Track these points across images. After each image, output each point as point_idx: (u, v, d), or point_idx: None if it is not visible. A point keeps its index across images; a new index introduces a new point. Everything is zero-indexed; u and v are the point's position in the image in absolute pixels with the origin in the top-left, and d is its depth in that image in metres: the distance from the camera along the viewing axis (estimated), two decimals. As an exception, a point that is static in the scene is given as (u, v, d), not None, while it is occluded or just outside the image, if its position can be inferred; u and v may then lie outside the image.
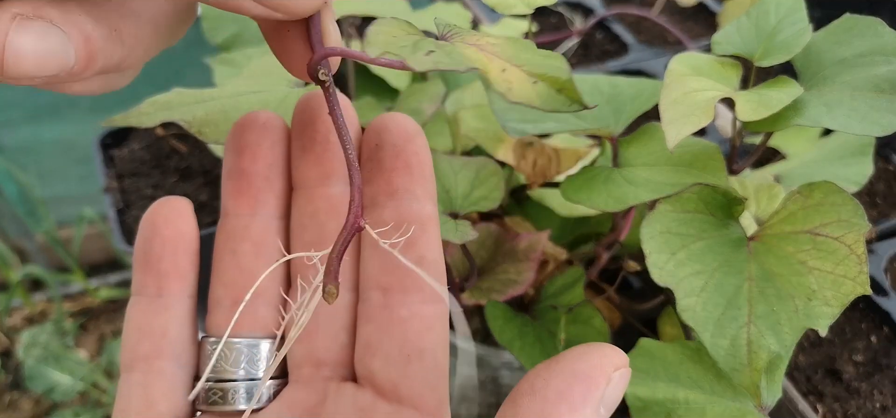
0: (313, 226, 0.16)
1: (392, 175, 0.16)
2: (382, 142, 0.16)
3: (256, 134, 0.16)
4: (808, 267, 0.22)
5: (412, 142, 0.16)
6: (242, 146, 0.16)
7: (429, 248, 0.16)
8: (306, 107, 0.16)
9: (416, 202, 0.16)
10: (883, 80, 0.23)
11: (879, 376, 0.30)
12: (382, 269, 0.15)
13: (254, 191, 0.16)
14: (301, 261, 0.16)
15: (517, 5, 0.33)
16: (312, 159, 0.16)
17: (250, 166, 0.16)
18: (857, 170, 0.28)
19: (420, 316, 0.15)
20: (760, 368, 0.21)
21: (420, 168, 0.16)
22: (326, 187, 0.16)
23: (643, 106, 0.27)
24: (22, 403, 0.86)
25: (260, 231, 0.16)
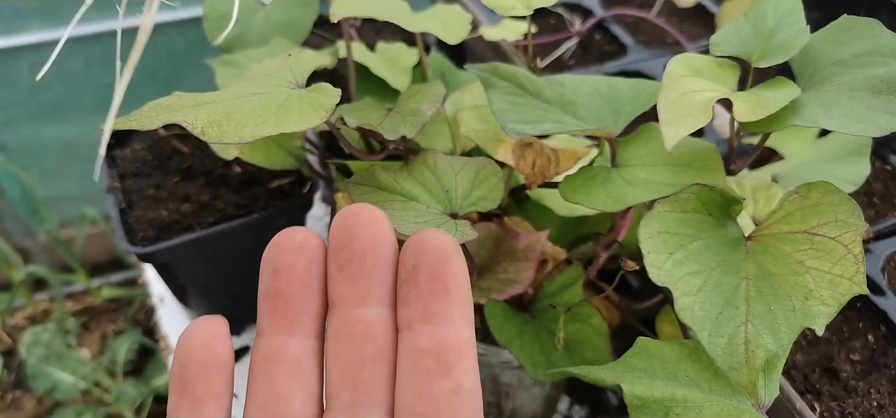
0: (349, 350, 0.16)
1: (430, 300, 0.15)
2: (419, 263, 0.16)
3: (293, 254, 0.16)
4: (806, 266, 0.22)
5: (450, 262, 0.15)
6: (279, 267, 0.16)
7: (466, 377, 0.15)
8: (343, 225, 0.16)
9: (454, 328, 0.15)
10: (880, 81, 0.24)
11: (877, 375, 0.30)
12: (418, 397, 0.15)
13: (289, 312, 0.16)
14: (333, 383, 0.16)
15: (516, 7, 0.33)
16: (348, 278, 0.16)
17: (286, 287, 0.16)
18: (855, 170, 0.29)
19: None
20: (758, 367, 0.21)
21: (458, 291, 0.16)
22: (363, 308, 0.16)
23: (642, 106, 0.27)
24: (24, 402, 0.86)
25: (295, 352, 0.16)
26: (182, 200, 0.37)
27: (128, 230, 0.36)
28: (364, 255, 0.16)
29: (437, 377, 0.15)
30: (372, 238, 0.16)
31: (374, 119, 0.28)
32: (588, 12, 0.54)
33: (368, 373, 0.16)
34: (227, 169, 0.39)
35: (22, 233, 0.91)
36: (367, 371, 0.16)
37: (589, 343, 0.27)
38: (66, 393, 0.76)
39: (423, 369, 0.15)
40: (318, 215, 0.53)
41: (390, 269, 0.16)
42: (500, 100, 0.26)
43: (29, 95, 0.79)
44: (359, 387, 0.16)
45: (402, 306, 0.16)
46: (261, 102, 0.24)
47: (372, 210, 0.16)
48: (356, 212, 0.16)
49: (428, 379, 0.15)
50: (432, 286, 0.15)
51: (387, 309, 0.16)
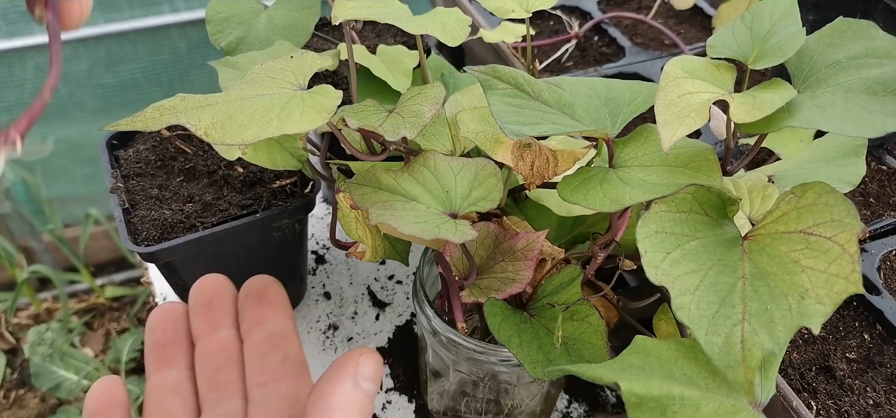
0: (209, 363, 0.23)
1: (258, 309, 0.23)
2: (249, 291, 0.24)
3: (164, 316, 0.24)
4: (802, 266, 0.22)
5: (270, 286, 0.24)
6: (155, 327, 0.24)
7: (291, 349, 0.23)
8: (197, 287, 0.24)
9: (278, 323, 0.23)
10: (875, 83, 0.24)
11: (872, 373, 0.30)
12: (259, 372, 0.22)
13: (167, 354, 0.23)
14: (203, 391, 0.23)
15: (515, 9, 0.34)
16: (202, 317, 0.24)
17: (162, 338, 0.23)
18: (851, 170, 0.29)
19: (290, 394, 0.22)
20: (754, 365, 0.21)
21: (278, 301, 0.23)
22: (216, 333, 0.23)
23: (639, 108, 0.27)
24: (28, 400, 0.87)
25: (175, 380, 0.23)
26: (185, 200, 0.38)
27: (131, 230, 0.36)
28: (211, 300, 0.24)
29: (268, 354, 0.22)
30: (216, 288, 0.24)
31: (375, 120, 0.28)
32: (586, 15, 0.54)
33: (224, 375, 0.22)
34: (230, 169, 0.39)
35: (26, 233, 0.92)
36: (223, 373, 0.22)
37: (587, 341, 0.28)
38: (69, 392, 0.77)
39: (259, 353, 0.22)
40: (320, 215, 0.53)
41: (232, 304, 0.24)
42: (499, 101, 0.26)
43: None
44: (220, 387, 0.22)
45: (242, 323, 0.23)
46: (263, 104, 0.24)
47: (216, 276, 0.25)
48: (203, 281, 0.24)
49: (262, 357, 0.22)
50: (259, 301, 0.23)
51: (233, 329, 0.23)
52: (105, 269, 1.00)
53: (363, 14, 0.30)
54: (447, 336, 0.30)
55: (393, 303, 0.47)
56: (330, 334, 0.44)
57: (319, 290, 0.48)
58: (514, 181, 0.32)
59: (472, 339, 0.30)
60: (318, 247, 0.51)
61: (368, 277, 0.49)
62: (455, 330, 0.29)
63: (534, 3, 0.35)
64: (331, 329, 0.46)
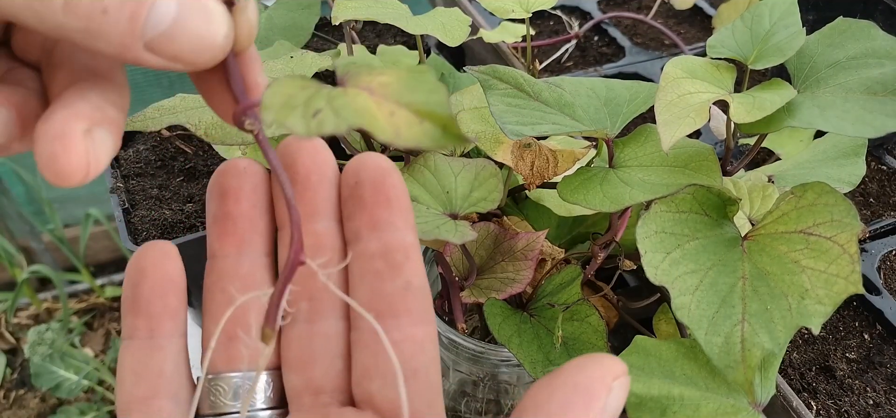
0: None
1: (374, 209, 0.16)
2: (361, 179, 0.17)
3: (237, 179, 0.17)
4: (802, 266, 0.22)
5: (390, 176, 0.17)
6: (225, 191, 0.17)
7: (414, 274, 0.16)
8: (285, 150, 0.17)
9: (398, 232, 0.16)
10: (875, 83, 0.24)
11: (872, 373, 0.30)
12: (372, 296, 0.16)
13: (239, 232, 0.17)
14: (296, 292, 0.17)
15: (515, 9, 0.34)
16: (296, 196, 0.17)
17: (234, 208, 0.17)
18: (850, 170, 0.29)
19: (411, 338, 0.16)
20: (754, 365, 0.21)
21: (398, 201, 0.17)
22: (312, 223, 0.17)
23: (639, 108, 0.27)
24: (28, 400, 0.87)
25: (248, 269, 0.17)
26: (185, 200, 0.38)
27: (131, 230, 0.36)
28: (308, 175, 0.17)
29: (387, 277, 0.16)
30: (314, 159, 0.17)
31: (374, 120, 0.28)
32: (586, 15, 0.54)
33: (321, 281, 0.16)
34: (230, 169, 0.39)
35: (26, 233, 0.92)
36: (319, 279, 0.16)
37: (587, 341, 0.28)
38: (69, 392, 0.77)
39: (374, 271, 0.16)
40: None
41: (334, 187, 0.17)
42: (499, 101, 0.26)
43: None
44: (313, 296, 0.17)
45: (349, 220, 0.17)
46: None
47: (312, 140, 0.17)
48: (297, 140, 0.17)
49: (379, 279, 0.16)
50: (375, 197, 0.16)
51: (334, 222, 0.17)
52: (105, 269, 1.00)
53: (363, 14, 0.30)
54: (447, 336, 0.30)
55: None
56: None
57: (319, 290, 0.48)
58: (514, 181, 0.32)
59: (473, 339, 0.30)
60: (318, 247, 0.51)
61: (368, 277, 0.49)
62: (455, 330, 0.29)
63: (534, 3, 0.35)
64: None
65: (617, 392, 0.14)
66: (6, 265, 0.89)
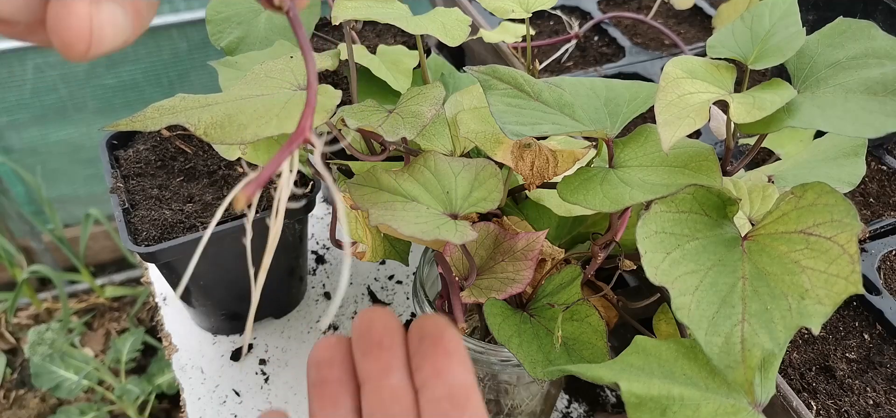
0: (382, 411, 0.20)
1: (436, 360, 0.20)
2: (424, 335, 0.20)
3: (331, 351, 0.21)
4: (802, 266, 0.22)
5: (447, 330, 0.20)
6: (321, 361, 0.21)
7: (476, 411, 0.20)
8: (363, 320, 0.21)
9: (460, 377, 0.20)
10: (875, 83, 0.24)
11: (872, 373, 0.30)
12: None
13: (333, 393, 0.21)
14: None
15: (515, 10, 0.34)
16: (373, 358, 0.21)
17: (329, 374, 0.21)
18: (850, 170, 0.29)
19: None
20: (754, 365, 0.21)
21: (457, 351, 0.20)
22: (387, 378, 0.20)
23: (639, 108, 0.27)
24: (28, 400, 0.87)
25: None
26: (185, 200, 0.38)
27: (131, 230, 0.36)
28: (381, 338, 0.21)
29: (451, 414, 0.19)
30: (386, 325, 0.21)
31: (374, 121, 0.28)
32: (586, 15, 0.54)
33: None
34: (230, 169, 0.39)
35: (26, 233, 0.92)
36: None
37: (587, 341, 0.28)
38: (69, 392, 0.77)
39: (441, 412, 0.19)
40: (320, 215, 0.53)
41: (402, 346, 0.21)
42: (499, 101, 0.26)
43: (33, 97, 0.79)
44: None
45: (417, 371, 0.20)
46: (263, 104, 0.24)
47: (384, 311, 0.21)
48: (371, 311, 0.21)
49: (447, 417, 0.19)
50: (436, 349, 0.20)
51: (405, 375, 0.21)
52: (105, 269, 1.00)
53: (363, 14, 0.30)
54: (447, 336, 0.30)
55: (393, 302, 0.47)
56: (330, 334, 0.44)
57: (319, 290, 0.48)
58: (514, 181, 0.32)
59: (473, 339, 0.30)
60: (318, 247, 0.51)
61: (368, 277, 0.49)
62: (455, 330, 0.29)
63: (534, 4, 0.35)
64: (331, 329, 0.46)
65: None
66: (6, 265, 0.89)
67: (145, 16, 0.15)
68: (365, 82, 0.38)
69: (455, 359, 0.20)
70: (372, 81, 0.38)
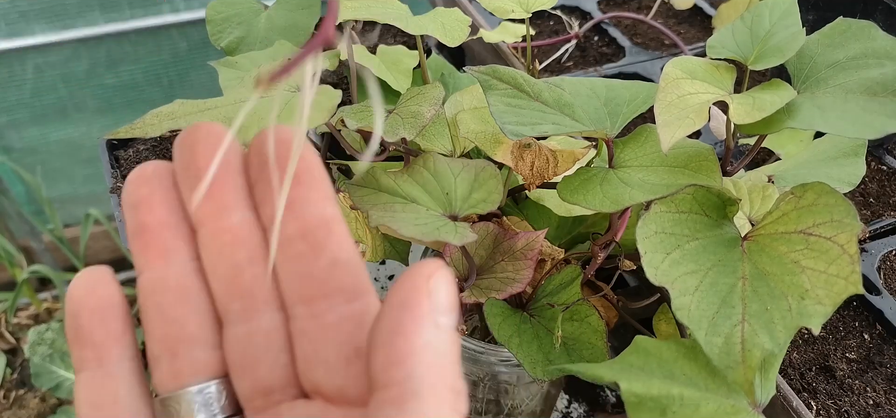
0: (223, 262, 0.16)
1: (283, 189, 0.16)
2: (265, 160, 0.16)
3: (148, 186, 0.16)
4: (801, 266, 0.22)
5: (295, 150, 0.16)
6: (138, 201, 0.16)
7: (340, 248, 0.16)
8: (184, 145, 0.16)
9: (315, 207, 0.16)
10: (875, 83, 0.24)
11: (872, 373, 0.30)
12: (299, 281, 0.16)
13: (160, 243, 0.16)
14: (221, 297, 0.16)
15: (515, 10, 0.34)
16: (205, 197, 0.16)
17: (150, 218, 0.16)
18: (850, 170, 0.29)
19: (348, 316, 0.16)
20: (754, 366, 0.21)
21: (309, 173, 0.16)
22: (225, 220, 0.16)
23: (639, 108, 0.27)
24: (28, 400, 0.87)
25: (177, 278, 0.16)
26: (185, 201, 0.38)
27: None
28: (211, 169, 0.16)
29: (310, 258, 0.15)
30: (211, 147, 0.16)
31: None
32: (586, 15, 0.54)
33: (249, 277, 0.16)
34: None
35: (26, 233, 0.92)
36: (247, 275, 0.16)
37: (587, 341, 0.28)
38: (69, 392, 0.77)
39: (297, 255, 0.15)
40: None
41: (241, 175, 0.16)
42: (499, 101, 0.26)
43: (34, 97, 0.79)
44: (244, 293, 0.16)
45: (261, 205, 0.16)
46: (263, 105, 0.24)
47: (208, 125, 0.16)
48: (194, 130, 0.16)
49: (303, 261, 0.15)
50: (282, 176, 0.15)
51: (248, 211, 0.16)
52: (105, 269, 1.00)
53: (363, 14, 0.30)
54: (447, 336, 0.30)
55: (393, 303, 0.47)
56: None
57: (319, 290, 0.48)
58: (514, 181, 0.32)
59: (473, 339, 0.30)
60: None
61: (368, 277, 0.49)
62: (455, 330, 0.29)
63: (534, 4, 0.35)
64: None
65: (437, 286, 0.14)
66: (6, 265, 0.89)
67: None
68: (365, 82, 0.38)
69: (307, 184, 0.16)
70: (372, 81, 0.38)
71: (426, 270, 0.14)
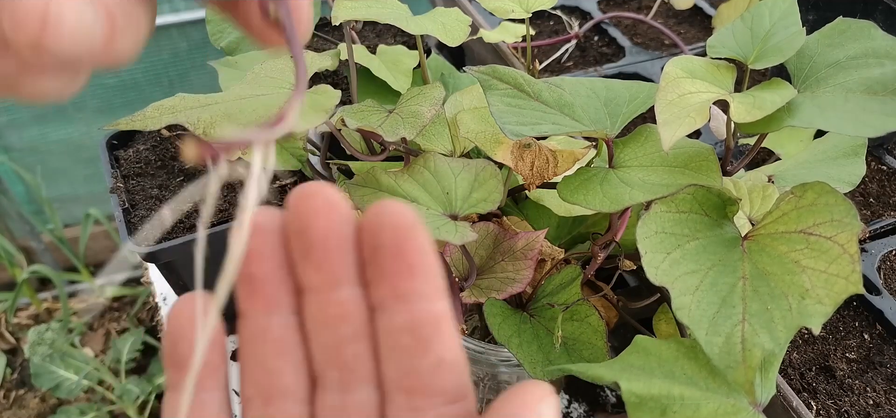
0: (328, 332, 0.16)
1: (396, 280, 0.15)
2: (379, 243, 0.15)
3: (259, 237, 0.16)
4: (802, 266, 0.22)
5: (411, 238, 0.15)
6: (249, 252, 0.16)
7: (446, 348, 0.15)
8: (298, 210, 0.16)
9: (427, 302, 0.15)
10: (875, 82, 0.24)
11: (872, 373, 0.30)
12: (402, 373, 0.16)
13: (266, 293, 0.16)
14: (319, 362, 0.16)
15: (515, 10, 0.34)
16: (315, 265, 0.16)
17: (258, 269, 0.16)
18: (850, 170, 0.29)
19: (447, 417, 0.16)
20: (754, 365, 0.21)
21: (423, 265, 0.15)
22: (335, 292, 0.16)
23: (639, 108, 0.27)
24: (28, 400, 0.87)
25: (278, 330, 0.16)
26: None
27: (132, 230, 0.36)
28: (326, 240, 0.15)
29: (416, 354, 0.15)
30: (330, 221, 0.15)
31: (374, 121, 0.28)
32: (586, 15, 0.54)
33: (351, 352, 0.16)
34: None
35: (26, 233, 0.92)
36: (349, 350, 0.16)
37: (587, 341, 0.28)
38: (69, 392, 0.77)
39: (402, 347, 0.15)
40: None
41: (353, 249, 0.16)
42: (499, 101, 0.26)
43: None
44: (344, 366, 0.16)
45: (372, 286, 0.16)
46: (262, 103, 0.24)
47: (325, 189, 0.16)
48: (309, 195, 0.16)
49: (408, 356, 0.15)
50: (396, 265, 0.15)
51: (358, 287, 0.16)
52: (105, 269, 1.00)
53: (363, 14, 0.30)
54: (447, 336, 0.30)
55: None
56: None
57: (319, 290, 0.48)
58: (514, 181, 0.32)
59: (473, 339, 0.30)
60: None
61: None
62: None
63: (534, 4, 0.35)
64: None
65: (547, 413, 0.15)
66: (6, 265, 0.89)
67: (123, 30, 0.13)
68: (365, 82, 0.38)
69: (420, 276, 0.15)
70: (372, 81, 0.38)
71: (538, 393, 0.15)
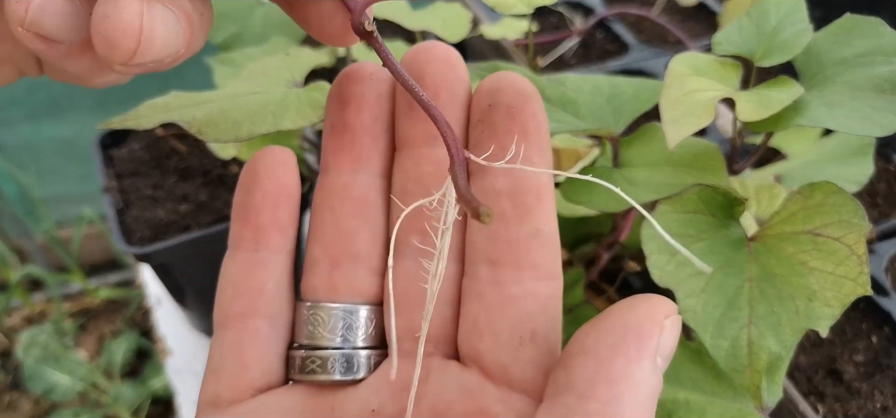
0: (419, 190, 0.15)
1: (506, 139, 0.14)
2: (495, 103, 0.14)
3: (363, 85, 0.15)
4: (809, 267, 0.22)
5: (529, 103, 0.14)
6: (347, 98, 0.15)
7: (545, 220, 0.14)
8: (414, 60, 0.15)
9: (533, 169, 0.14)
10: (884, 80, 0.23)
11: (880, 376, 0.30)
12: (492, 241, 0.14)
13: (357, 147, 0.15)
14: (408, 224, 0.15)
15: (517, 5, 0.33)
16: (419, 117, 0.14)
17: (355, 119, 0.15)
18: (858, 170, 0.28)
19: (534, 294, 0.14)
20: (761, 369, 0.21)
21: (537, 132, 0.14)
22: (434, 148, 0.15)
23: (643, 106, 0.27)
24: (21, 403, 0.86)
25: (362, 189, 0.15)
26: (180, 200, 0.37)
27: (125, 230, 0.35)
28: (437, 91, 0.14)
29: (513, 221, 0.14)
30: (445, 74, 0.15)
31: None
32: (589, 11, 0.54)
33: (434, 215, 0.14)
34: (225, 168, 0.39)
35: (19, 233, 0.91)
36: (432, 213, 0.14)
37: (590, 344, 0.27)
38: (63, 395, 0.76)
39: (499, 212, 0.14)
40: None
41: (463, 109, 0.15)
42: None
43: (26, 94, 0.78)
44: (426, 230, 0.15)
45: (476, 148, 0.14)
46: (258, 101, 0.23)
47: (445, 48, 0.15)
48: (429, 48, 0.15)
49: (504, 222, 0.14)
50: (510, 125, 0.14)
51: None
52: (98, 270, 0.99)
53: (361, 10, 0.29)
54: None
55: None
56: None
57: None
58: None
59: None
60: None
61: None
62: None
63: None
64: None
65: (669, 330, 0.13)
66: (-1, 266, 0.88)
67: (198, 29, 0.12)
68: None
69: (532, 143, 0.14)
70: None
71: (665, 308, 0.13)
